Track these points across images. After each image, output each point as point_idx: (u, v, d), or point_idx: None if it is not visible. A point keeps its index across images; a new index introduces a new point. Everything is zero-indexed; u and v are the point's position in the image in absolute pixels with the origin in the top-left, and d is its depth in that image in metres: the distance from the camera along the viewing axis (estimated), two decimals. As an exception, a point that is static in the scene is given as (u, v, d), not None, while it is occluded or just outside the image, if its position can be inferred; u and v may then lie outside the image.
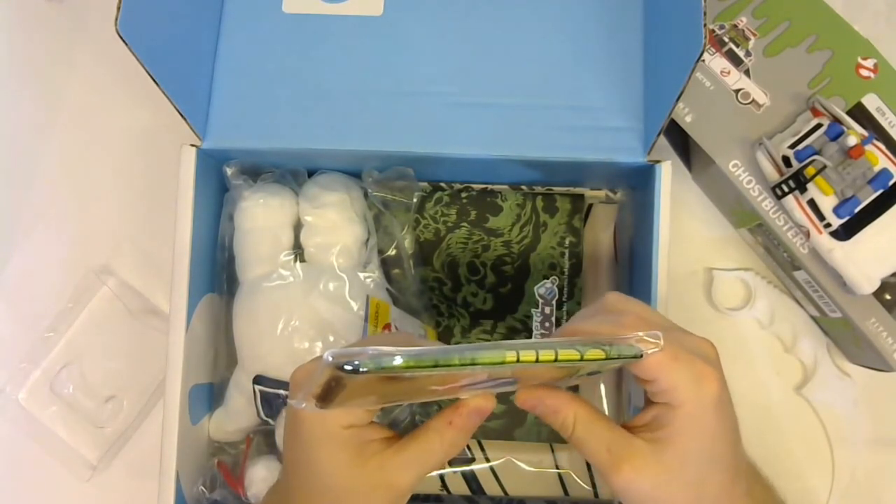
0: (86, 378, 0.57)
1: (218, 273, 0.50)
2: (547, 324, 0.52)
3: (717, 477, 0.36)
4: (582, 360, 0.31)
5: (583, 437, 0.36)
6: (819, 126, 0.48)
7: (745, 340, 0.56)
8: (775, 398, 0.56)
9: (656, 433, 0.35)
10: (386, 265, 0.52)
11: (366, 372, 0.28)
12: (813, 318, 0.56)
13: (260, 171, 0.50)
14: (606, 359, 0.31)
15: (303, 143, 0.47)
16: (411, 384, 0.33)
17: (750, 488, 0.38)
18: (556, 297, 0.53)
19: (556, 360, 0.30)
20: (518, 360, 0.30)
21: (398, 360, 0.28)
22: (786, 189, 0.48)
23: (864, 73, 0.51)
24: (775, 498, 0.43)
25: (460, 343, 0.52)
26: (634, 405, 0.49)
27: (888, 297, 0.49)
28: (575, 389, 0.52)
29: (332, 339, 0.47)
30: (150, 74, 0.40)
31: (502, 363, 0.30)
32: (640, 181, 0.49)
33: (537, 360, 0.30)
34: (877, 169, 0.47)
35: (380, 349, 0.28)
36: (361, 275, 0.49)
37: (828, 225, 0.47)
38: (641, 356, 0.32)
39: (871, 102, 0.50)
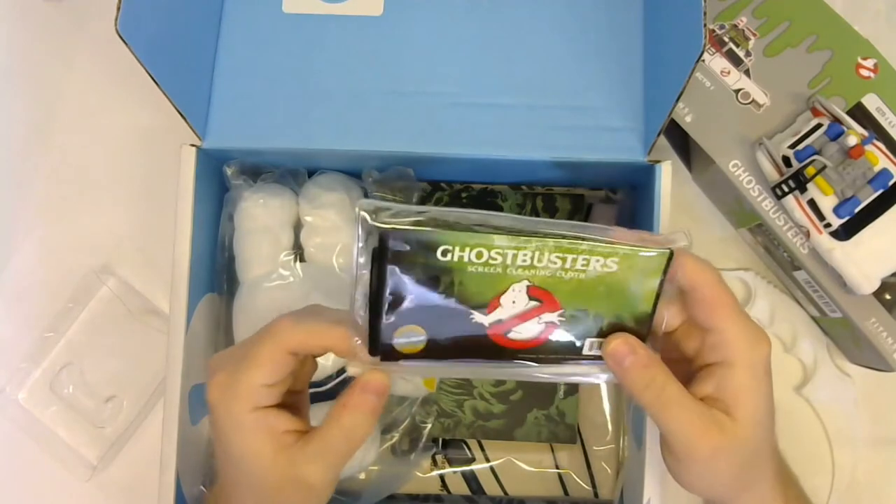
0: (86, 378, 0.57)
1: (218, 273, 0.50)
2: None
3: (768, 441, 0.37)
4: (609, 245, 0.33)
5: (674, 396, 0.35)
6: (819, 126, 0.48)
7: (745, 340, 0.56)
8: (775, 398, 0.56)
9: (723, 402, 0.35)
10: (386, 265, 0.52)
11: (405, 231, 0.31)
12: (813, 318, 0.56)
13: (260, 171, 0.50)
14: (634, 251, 0.34)
15: (303, 143, 0.47)
16: (448, 299, 0.33)
17: (781, 462, 0.40)
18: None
19: (582, 242, 0.33)
20: (543, 238, 0.32)
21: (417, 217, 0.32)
22: (786, 189, 0.48)
23: (864, 73, 0.51)
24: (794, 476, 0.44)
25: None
26: (635, 405, 0.49)
27: (888, 297, 0.49)
28: (575, 390, 0.52)
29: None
30: (150, 74, 0.40)
31: (528, 241, 0.32)
32: (640, 181, 0.49)
33: (563, 239, 0.33)
34: (877, 169, 0.47)
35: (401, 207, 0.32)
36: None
37: (828, 225, 0.47)
38: (670, 253, 0.34)
39: (871, 102, 0.50)
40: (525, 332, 0.35)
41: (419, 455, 0.52)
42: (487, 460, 0.54)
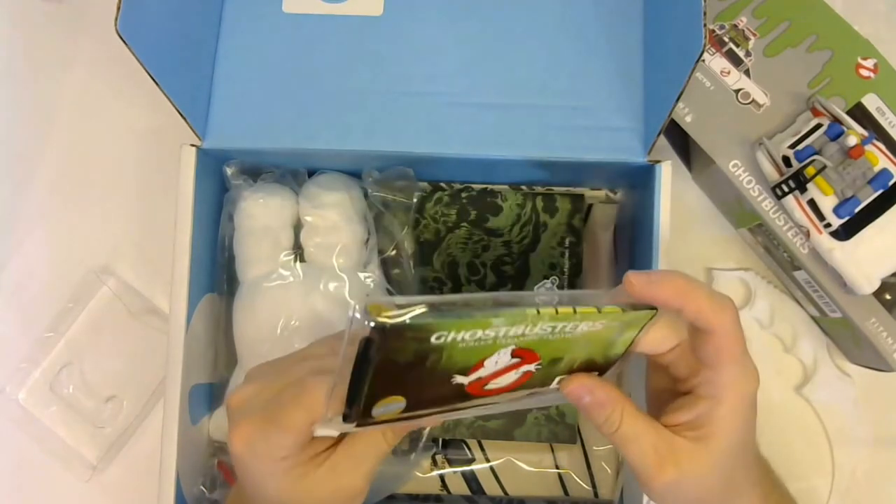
0: (86, 378, 0.57)
1: (218, 273, 0.50)
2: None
3: (743, 461, 0.37)
4: (599, 312, 0.33)
5: (629, 434, 0.35)
6: (819, 126, 0.48)
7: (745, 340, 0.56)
8: (775, 398, 0.56)
9: (699, 431, 0.35)
10: (386, 265, 0.52)
11: (396, 323, 0.29)
12: (813, 318, 0.56)
13: (260, 171, 0.50)
14: (622, 314, 0.33)
15: (303, 143, 0.47)
16: (434, 370, 0.32)
17: (762, 470, 0.39)
18: (556, 297, 0.53)
19: (574, 313, 0.32)
20: (538, 313, 0.32)
21: (421, 309, 0.30)
22: (786, 189, 0.48)
23: (864, 73, 0.51)
24: (780, 481, 0.44)
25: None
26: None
27: (888, 297, 0.49)
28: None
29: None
30: (150, 74, 0.40)
31: (524, 318, 0.31)
32: (640, 181, 0.49)
33: (556, 313, 0.32)
34: (877, 169, 0.47)
35: (404, 299, 0.30)
36: (361, 275, 0.49)
37: (828, 225, 0.47)
38: (654, 313, 0.34)
39: (871, 102, 0.50)
40: (502, 382, 0.35)
41: (419, 455, 0.52)
42: (487, 460, 0.54)
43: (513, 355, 0.34)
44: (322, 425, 0.34)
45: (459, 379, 0.33)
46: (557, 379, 0.36)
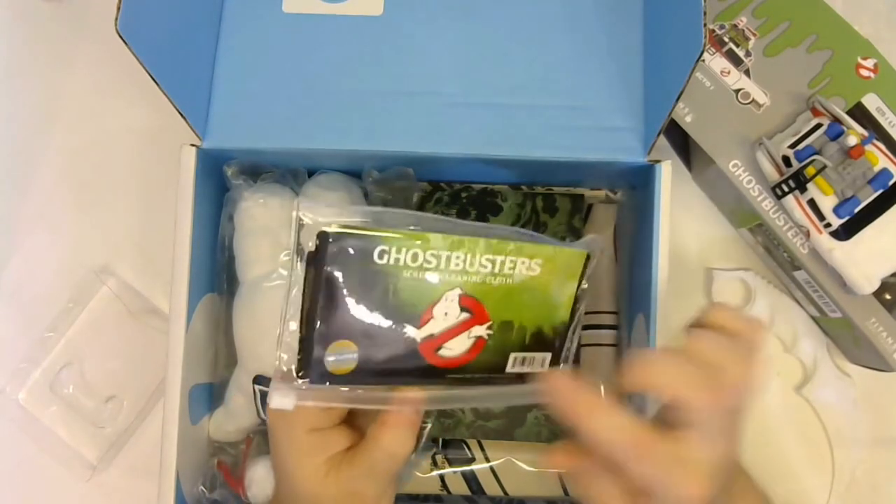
0: (86, 378, 0.57)
1: (218, 273, 0.50)
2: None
3: None
4: (532, 246, 0.34)
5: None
6: (819, 126, 0.48)
7: (745, 340, 0.56)
8: (775, 398, 0.56)
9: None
10: (386, 265, 0.52)
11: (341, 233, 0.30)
12: (813, 318, 0.56)
13: (260, 171, 0.50)
14: (554, 249, 0.34)
15: (303, 143, 0.47)
16: (383, 306, 0.32)
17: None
18: (556, 297, 0.53)
19: (509, 246, 0.33)
20: (475, 241, 0.33)
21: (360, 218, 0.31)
22: (786, 189, 0.48)
23: (864, 73, 0.51)
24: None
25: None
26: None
27: (888, 297, 0.49)
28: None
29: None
30: (150, 74, 0.40)
31: (461, 243, 0.32)
32: (640, 181, 0.49)
33: (492, 245, 0.33)
34: (877, 169, 0.47)
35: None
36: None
37: (828, 225, 0.47)
38: (588, 256, 0.35)
39: (871, 102, 0.50)
40: (455, 348, 0.35)
41: (419, 455, 0.52)
42: (487, 460, 0.54)
43: (461, 307, 0.34)
44: (275, 393, 0.33)
45: (410, 331, 0.33)
46: (514, 358, 0.36)
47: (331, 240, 0.31)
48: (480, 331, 0.35)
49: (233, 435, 0.51)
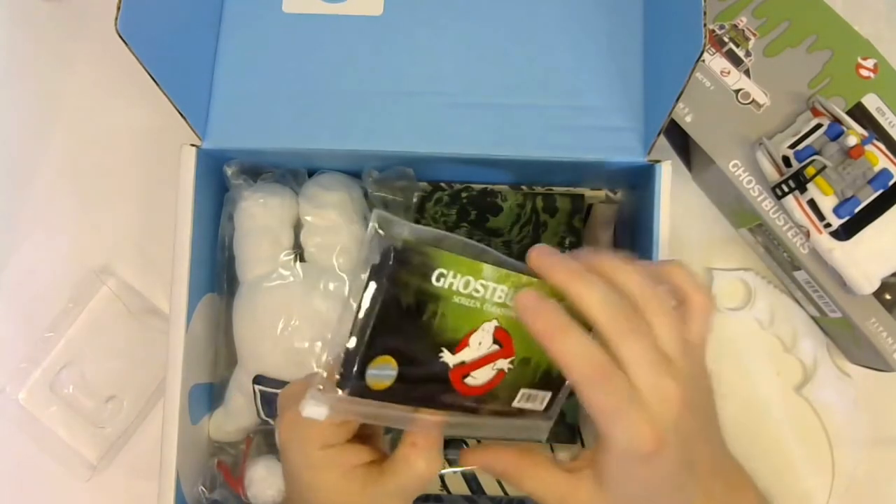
0: (86, 378, 0.57)
1: (218, 273, 0.50)
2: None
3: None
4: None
5: (534, 492, 0.36)
6: (819, 126, 0.48)
7: (745, 340, 0.56)
8: (775, 398, 0.56)
9: (595, 473, 0.35)
10: (386, 265, 0.52)
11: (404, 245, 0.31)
12: (813, 318, 0.56)
13: (260, 171, 0.50)
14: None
15: (303, 143, 0.47)
16: (427, 330, 0.33)
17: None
18: (556, 297, 0.53)
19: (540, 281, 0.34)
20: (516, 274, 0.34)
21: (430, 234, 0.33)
22: (786, 189, 0.48)
23: (864, 73, 0.51)
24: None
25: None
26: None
27: (888, 297, 0.49)
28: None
29: (331, 339, 0.47)
30: (150, 74, 0.40)
31: (507, 277, 0.34)
32: (640, 181, 0.49)
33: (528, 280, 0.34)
34: (877, 169, 0.47)
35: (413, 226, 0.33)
36: (362, 275, 0.49)
37: (828, 225, 0.47)
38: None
39: (871, 102, 0.50)
40: (479, 377, 0.35)
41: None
42: (487, 460, 0.54)
43: (494, 337, 0.35)
44: (310, 400, 0.33)
45: (446, 356, 0.34)
46: (522, 394, 0.37)
47: (396, 255, 0.32)
48: (503, 364, 0.36)
49: (233, 435, 0.51)
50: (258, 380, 0.48)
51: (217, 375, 0.51)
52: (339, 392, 0.33)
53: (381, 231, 0.32)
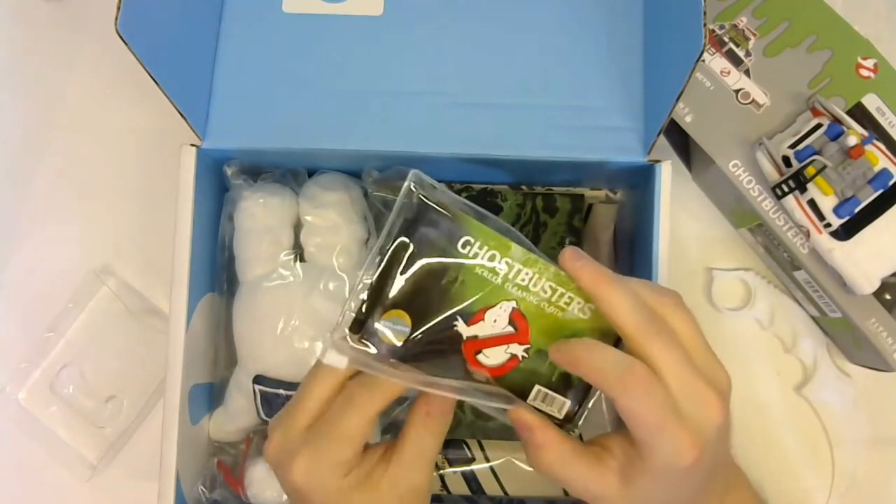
0: (86, 378, 0.57)
1: (218, 273, 0.50)
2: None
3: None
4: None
5: (562, 476, 0.35)
6: (819, 126, 0.48)
7: (745, 340, 0.56)
8: (775, 398, 0.56)
9: (626, 470, 0.34)
10: (386, 265, 0.52)
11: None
12: (813, 318, 0.56)
13: (260, 171, 0.50)
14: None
15: (303, 143, 0.47)
16: (445, 295, 0.34)
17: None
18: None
19: (572, 282, 0.36)
20: (546, 264, 0.36)
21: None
22: (786, 189, 0.48)
23: (864, 73, 0.51)
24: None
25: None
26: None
27: (888, 297, 0.49)
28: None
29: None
30: (150, 74, 0.40)
31: (536, 262, 0.35)
32: (640, 181, 0.49)
33: (559, 273, 0.35)
34: (877, 169, 0.47)
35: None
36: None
37: (828, 225, 0.47)
38: None
39: (871, 102, 0.50)
40: (492, 357, 0.36)
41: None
42: (487, 460, 0.54)
43: (510, 318, 0.35)
44: (332, 349, 0.34)
45: (460, 325, 0.35)
46: (536, 391, 0.37)
47: (427, 214, 0.34)
48: (517, 350, 0.36)
49: (233, 435, 0.51)
50: (258, 380, 0.48)
51: (217, 375, 0.51)
52: (349, 336, 0.34)
53: (416, 189, 0.34)
